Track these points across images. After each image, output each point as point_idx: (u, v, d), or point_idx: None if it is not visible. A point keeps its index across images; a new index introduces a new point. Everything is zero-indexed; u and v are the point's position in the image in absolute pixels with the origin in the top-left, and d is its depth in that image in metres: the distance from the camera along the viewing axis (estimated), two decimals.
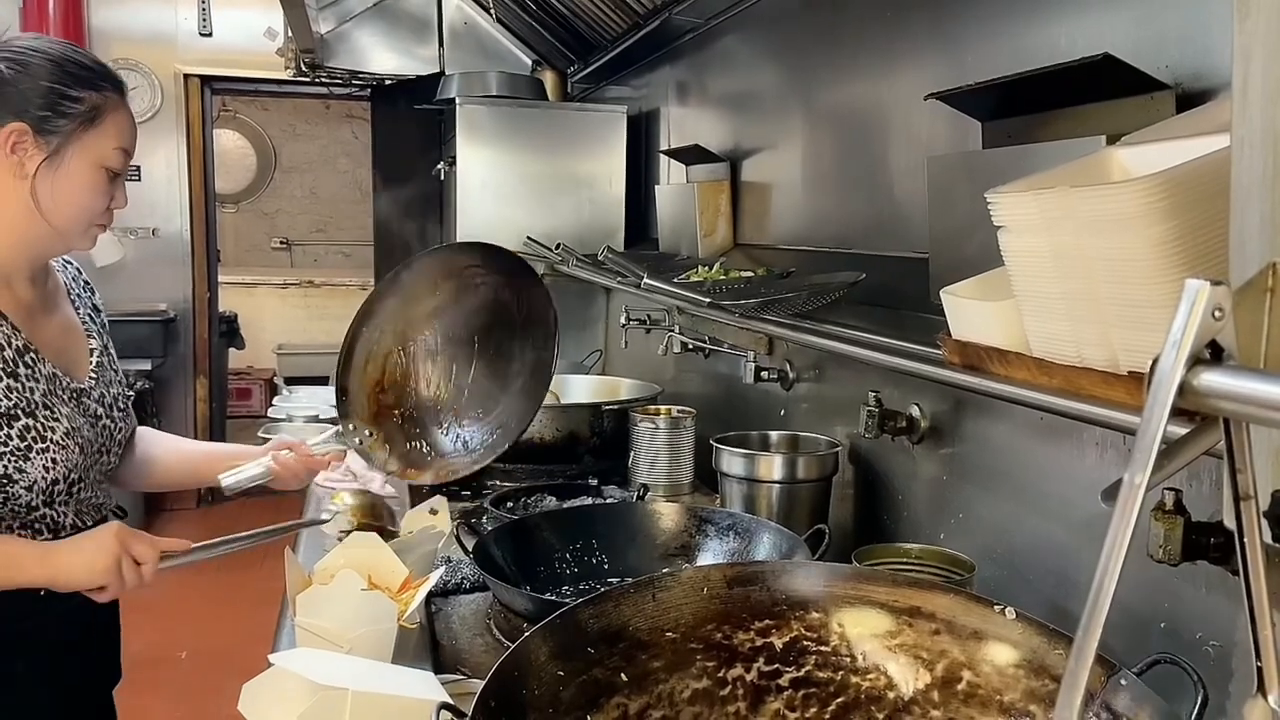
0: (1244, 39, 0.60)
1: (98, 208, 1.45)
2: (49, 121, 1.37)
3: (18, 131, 1.35)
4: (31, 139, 1.36)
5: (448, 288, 1.85)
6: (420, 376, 1.88)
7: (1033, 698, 1.02)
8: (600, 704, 1.01)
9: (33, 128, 1.36)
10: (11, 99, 1.35)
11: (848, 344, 1.66)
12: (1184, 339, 0.49)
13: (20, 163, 1.37)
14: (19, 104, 1.35)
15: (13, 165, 1.36)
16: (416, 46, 4.95)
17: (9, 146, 1.35)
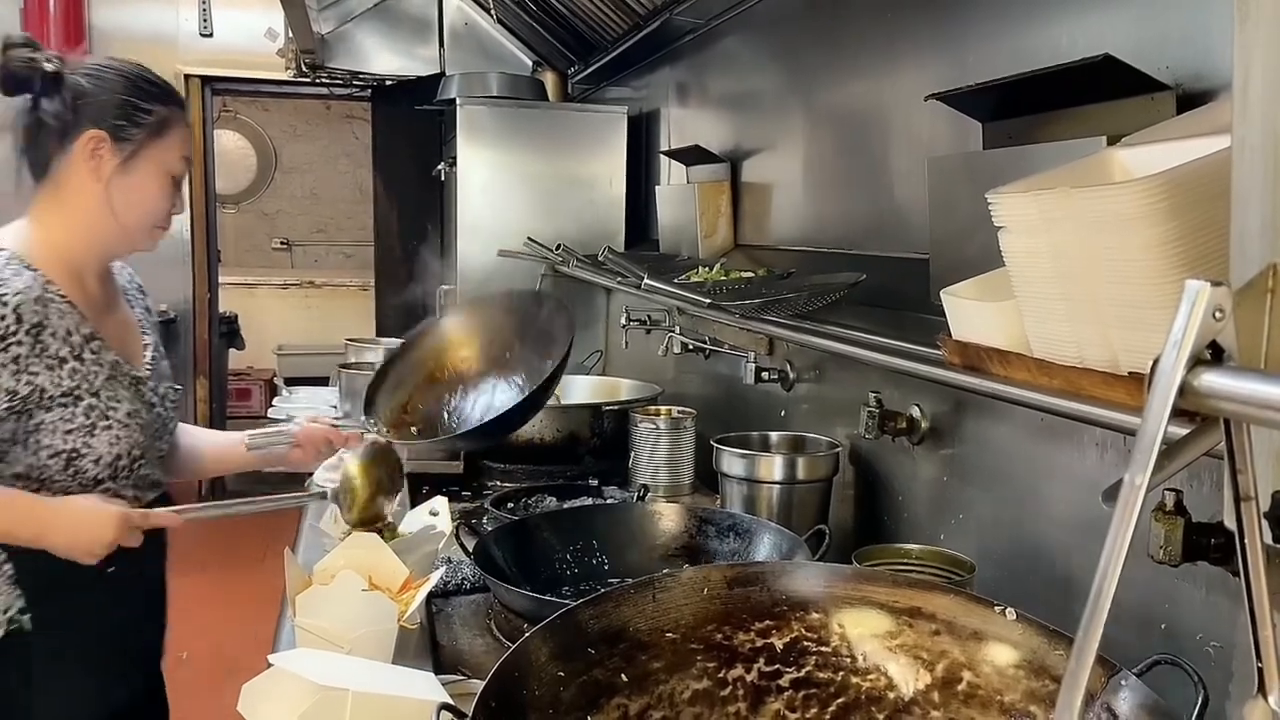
0: (1245, 40, 0.60)
1: (162, 210, 1.59)
2: (123, 130, 1.51)
3: (96, 139, 1.49)
4: (109, 146, 1.50)
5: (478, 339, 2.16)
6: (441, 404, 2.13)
7: (1033, 698, 1.02)
8: (600, 704, 1.01)
9: (110, 136, 1.50)
10: (91, 109, 1.49)
11: (848, 344, 1.66)
12: (1184, 340, 0.50)
13: (98, 167, 1.50)
14: (97, 114, 1.49)
15: (91, 169, 1.50)
16: (417, 47, 4.95)
17: (89, 152, 1.49)
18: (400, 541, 1.67)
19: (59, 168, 1.52)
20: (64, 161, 1.51)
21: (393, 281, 5.68)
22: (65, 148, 1.50)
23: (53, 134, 1.50)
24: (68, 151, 1.51)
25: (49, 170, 1.52)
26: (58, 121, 1.49)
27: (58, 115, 1.49)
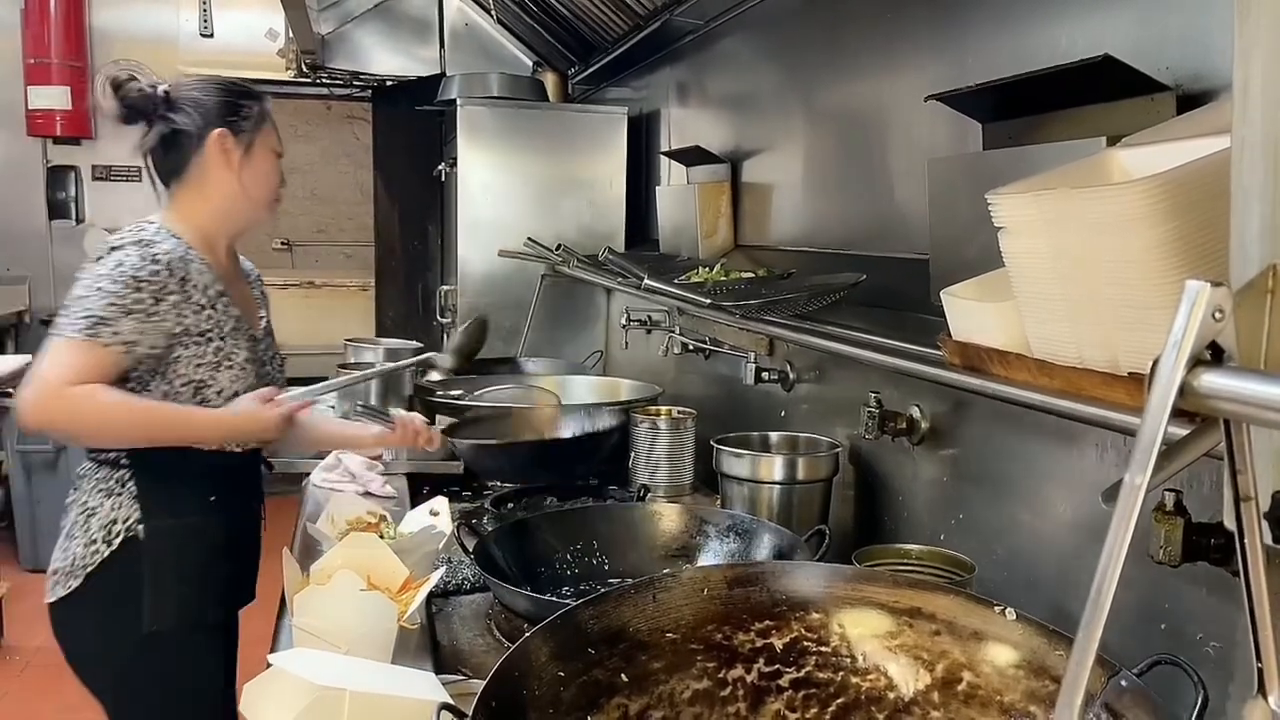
0: (1245, 40, 0.60)
1: (276, 184, 1.92)
2: (238, 125, 1.83)
3: (223, 135, 1.81)
4: (232, 140, 1.82)
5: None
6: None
7: (1033, 698, 1.02)
8: (601, 704, 1.01)
9: (231, 131, 1.81)
10: (212, 114, 1.81)
11: (848, 345, 1.66)
12: (1184, 340, 0.50)
13: (228, 158, 1.82)
14: (217, 117, 1.81)
15: (224, 161, 1.82)
16: (417, 48, 4.95)
17: (219, 148, 1.81)
18: (400, 542, 1.67)
19: (195, 166, 1.82)
20: (199, 160, 1.81)
21: (393, 282, 5.69)
22: (200, 149, 1.81)
23: (187, 141, 1.80)
24: (202, 152, 1.81)
25: (186, 170, 1.82)
26: (191, 129, 1.79)
27: (189, 125, 1.79)
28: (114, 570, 1.72)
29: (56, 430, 1.79)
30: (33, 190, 5.56)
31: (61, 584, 1.74)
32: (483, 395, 2.67)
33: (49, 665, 3.91)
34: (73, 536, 1.75)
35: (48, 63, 5.34)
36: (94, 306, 1.65)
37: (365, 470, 2.41)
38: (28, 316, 5.60)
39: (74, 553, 1.73)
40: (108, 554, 1.72)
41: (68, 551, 1.74)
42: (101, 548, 1.72)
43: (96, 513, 1.74)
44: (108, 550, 1.72)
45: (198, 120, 1.80)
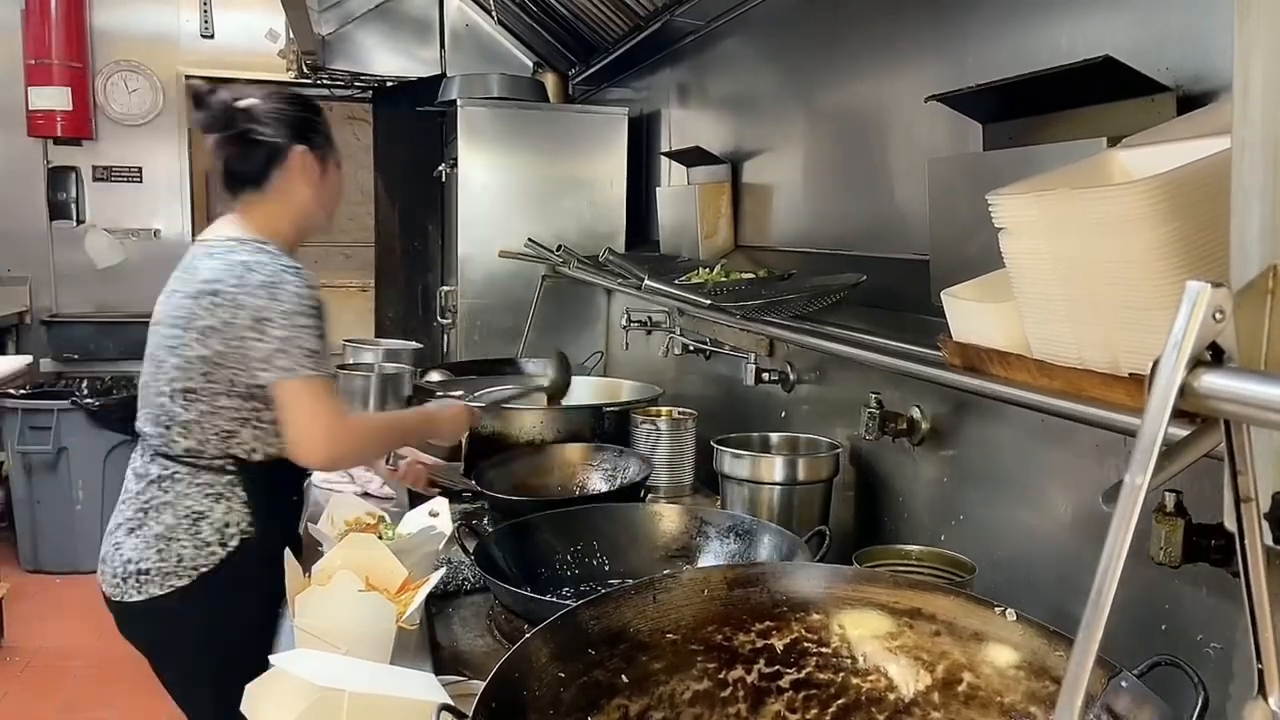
0: (1245, 41, 0.60)
1: (340, 194, 2.09)
2: (315, 142, 1.96)
3: (304, 153, 1.93)
4: (310, 157, 1.94)
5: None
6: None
7: (1033, 699, 1.02)
8: (601, 705, 1.01)
9: (309, 148, 1.94)
10: (293, 131, 1.93)
11: (848, 346, 1.66)
12: (1185, 341, 0.49)
13: (308, 174, 1.95)
14: (297, 134, 1.93)
15: (305, 177, 1.94)
16: (418, 48, 4.95)
17: (300, 164, 1.93)
18: (400, 542, 1.67)
19: (279, 177, 1.92)
20: (283, 172, 1.92)
21: (393, 282, 5.68)
22: (282, 161, 1.91)
23: (268, 153, 1.90)
24: (285, 166, 1.91)
25: (267, 181, 1.91)
26: (274, 143, 1.90)
27: (275, 138, 1.90)
28: (225, 571, 1.82)
29: (347, 462, 2.04)
30: (33, 191, 5.57)
31: (156, 583, 1.81)
32: (482, 396, 2.67)
33: (49, 665, 3.92)
34: (174, 538, 1.81)
35: (48, 63, 5.34)
36: (309, 343, 1.78)
37: (364, 471, 2.41)
38: (29, 317, 5.60)
39: (180, 554, 1.81)
40: (223, 555, 1.82)
41: (167, 553, 1.81)
42: (217, 549, 1.82)
43: (207, 516, 1.82)
44: (224, 552, 1.82)
45: (283, 135, 1.91)
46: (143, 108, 5.69)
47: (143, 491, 1.86)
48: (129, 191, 5.72)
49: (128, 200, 5.72)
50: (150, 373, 1.88)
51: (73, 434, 4.76)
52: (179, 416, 1.83)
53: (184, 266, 1.91)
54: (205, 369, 1.79)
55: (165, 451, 1.85)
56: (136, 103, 5.68)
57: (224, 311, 1.76)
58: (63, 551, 4.84)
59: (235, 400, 1.80)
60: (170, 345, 1.83)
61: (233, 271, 1.79)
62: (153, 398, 1.87)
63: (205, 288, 1.79)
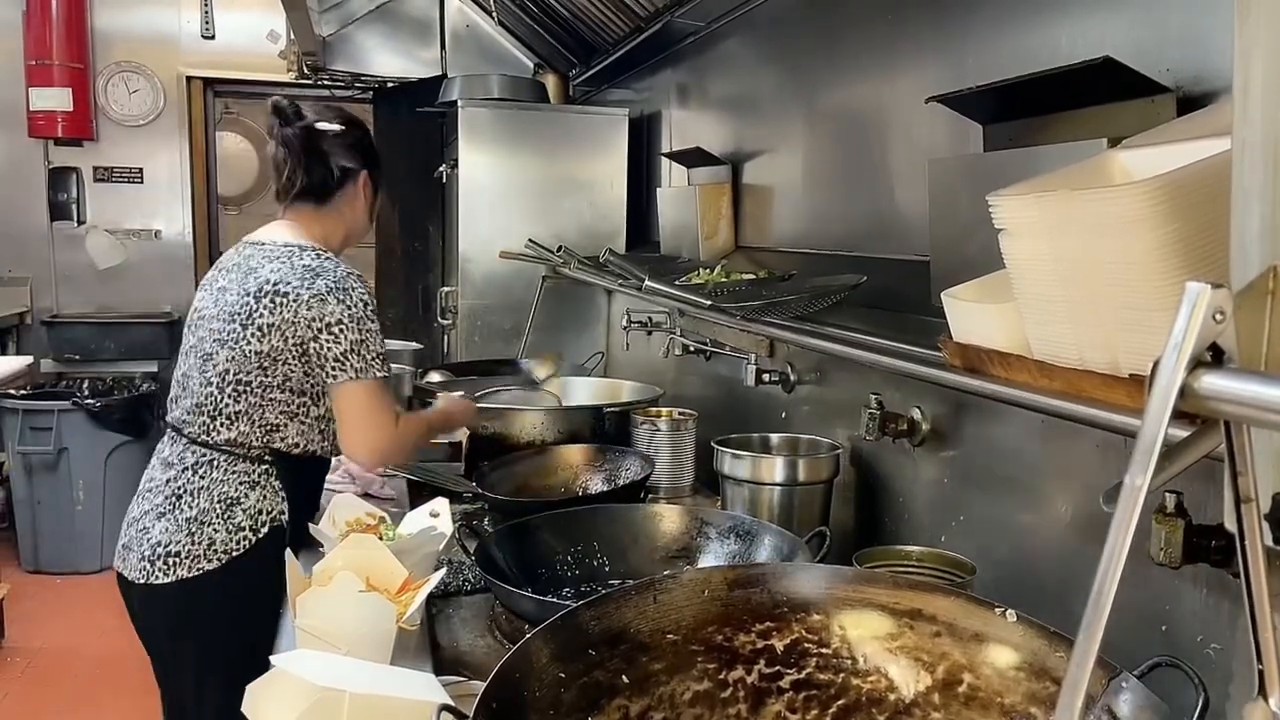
0: (1245, 42, 0.60)
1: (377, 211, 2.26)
2: (374, 169, 2.15)
3: (367, 178, 2.13)
4: (369, 180, 2.14)
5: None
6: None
7: (1034, 700, 1.02)
8: (601, 706, 1.01)
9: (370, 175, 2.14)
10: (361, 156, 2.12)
11: (849, 346, 1.66)
12: (1185, 342, 0.49)
13: (368, 197, 2.15)
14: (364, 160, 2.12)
15: (365, 198, 2.14)
16: (418, 49, 4.95)
17: (362, 187, 2.13)
18: (401, 543, 1.67)
19: (342, 197, 2.09)
20: (347, 193, 2.10)
21: (393, 283, 5.68)
22: (352, 182, 2.10)
23: (342, 175, 2.08)
24: (353, 185, 2.10)
25: (331, 198, 2.08)
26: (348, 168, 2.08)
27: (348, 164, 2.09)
28: (255, 556, 1.90)
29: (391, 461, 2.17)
30: (34, 192, 5.57)
31: (184, 565, 1.88)
32: (483, 397, 2.67)
33: (50, 666, 3.92)
34: (206, 522, 1.90)
35: (49, 64, 5.34)
36: (374, 345, 1.92)
37: (365, 471, 2.41)
38: (29, 318, 5.60)
39: (211, 537, 1.89)
40: (255, 541, 1.91)
41: (198, 536, 1.89)
42: (249, 535, 1.91)
43: (241, 503, 1.91)
44: (255, 538, 1.91)
45: (356, 162, 2.11)
46: (143, 108, 5.70)
47: (175, 479, 1.94)
48: (130, 192, 5.72)
49: (128, 201, 5.72)
50: (194, 365, 1.96)
51: (73, 435, 4.77)
52: (227, 408, 1.92)
53: (236, 266, 2.00)
54: (262, 363, 1.90)
55: (204, 440, 1.94)
56: (137, 103, 5.68)
57: (287, 310, 1.88)
58: (63, 552, 4.84)
59: (286, 394, 1.92)
60: (223, 339, 1.92)
61: (298, 274, 1.91)
62: (197, 388, 1.94)
63: (269, 287, 1.90)
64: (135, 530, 1.95)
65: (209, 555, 1.88)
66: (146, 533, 1.92)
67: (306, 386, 1.93)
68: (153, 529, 1.91)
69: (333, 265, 1.95)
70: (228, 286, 1.96)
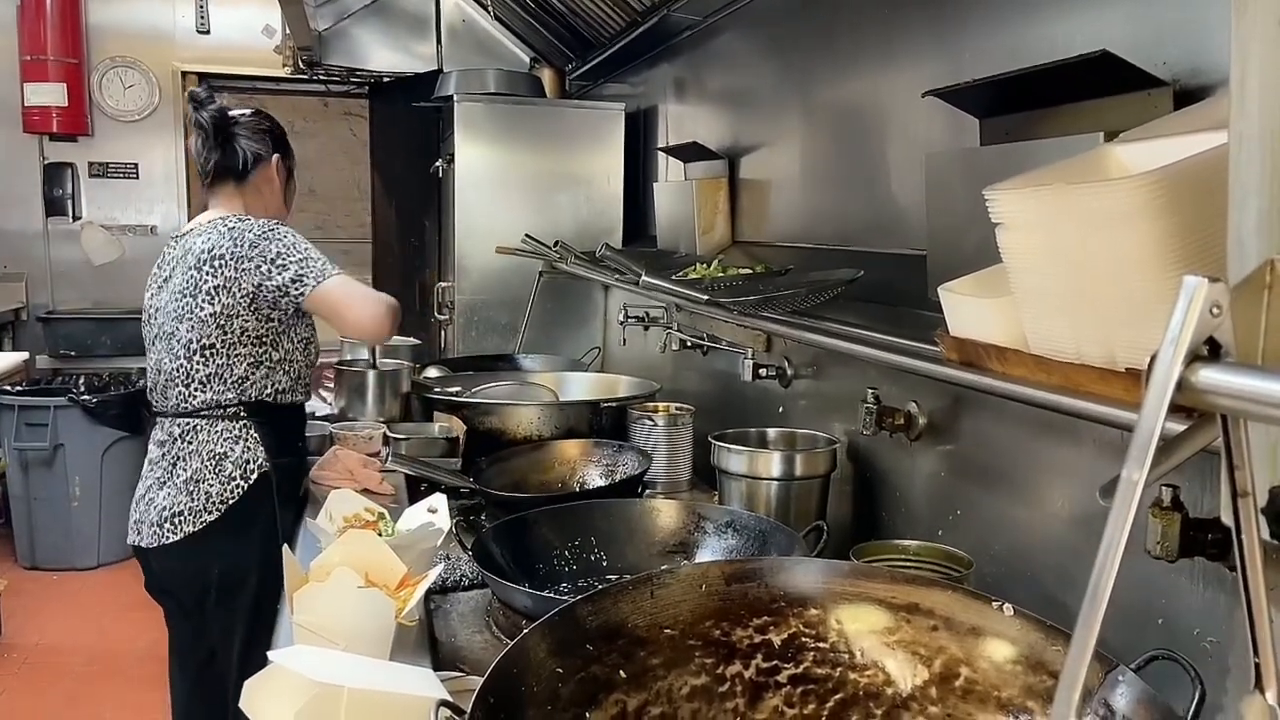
0: (1242, 36, 0.60)
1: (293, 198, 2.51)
2: (285, 154, 2.41)
3: (279, 163, 2.37)
4: (282, 166, 2.39)
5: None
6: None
7: (1030, 694, 1.02)
8: (599, 700, 1.01)
9: (281, 158, 2.39)
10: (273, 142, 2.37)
11: (846, 341, 1.66)
12: (1182, 335, 0.49)
13: (278, 180, 2.38)
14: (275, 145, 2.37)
15: (277, 181, 2.38)
16: (414, 44, 4.94)
17: (273, 171, 2.36)
18: (399, 539, 1.67)
19: (257, 176, 2.33)
20: (260, 174, 2.34)
21: (390, 278, 5.67)
22: (261, 165, 2.34)
23: (254, 157, 2.32)
24: (263, 168, 2.34)
25: (247, 177, 2.32)
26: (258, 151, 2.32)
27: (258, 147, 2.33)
28: (247, 501, 2.15)
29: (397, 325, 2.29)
30: (29, 187, 5.56)
31: (190, 521, 2.12)
32: (480, 391, 2.67)
33: (47, 662, 3.92)
34: (201, 480, 2.14)
35: (44, 59, 5.33)
36: (319, 257, 2.15)
37: (364, 469, 2.41)
38: (25, 313, 5.59)
39: (208, 491, 2.13)
40: (246, 488, 2.15)
41: (196, 493, 2.13)
42: (240, 483, 2.15)
43: (229, 455, 2.15)
44: (245, 485, 2.15)
45: (266, 146, 2.35)
46: (139, 104, 5.68)
47: (168, 451, 2.18)
48: (125, 187, 5.71)
49: (124, 196, 5.71)
50: (162, 349, 2.19)
51: (69, 431, 4.76)
52: (198, 373, 2.14)
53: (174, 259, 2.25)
54: (220, 323, 2.11)
55: (183, 410, 2.16)
56: (132, 99, 5.67)
57: (228, 270, 2.09)
58: (60, 548, 4.84)
59: (248, 347, 2.15)
60: (180, 315, 2.14)
61: (226, 237, 2.13)
62: (169, 365, 2.17)
63: (205, 256, 2.12)
64: (143, 505, 2.18)
65: (209, 507, 2.12)
66: (152, 503, 2.15)
67: (264, 333, 2.16)
68: (157, 498, 2.15)
69: (254, 221, 2.18)
70: (171, 275, 2.22)
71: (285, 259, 2.11)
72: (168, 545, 2.13)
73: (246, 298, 2.11)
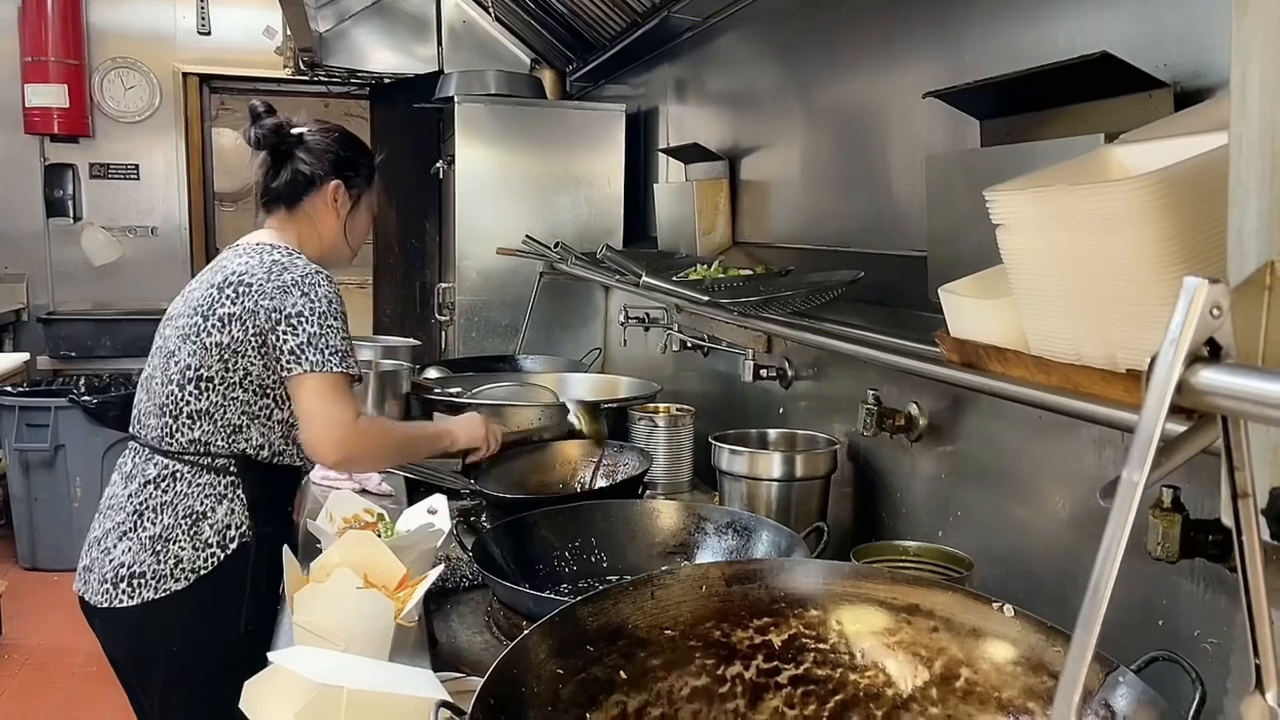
0: (1242, 37, 0.60)
1: (366, 237, 2.19)
2: (352, 181, 2.05)
3: (337, 188, 2.02)
4: (344, 193, 2.03)
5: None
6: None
7: (1031, 695, 1.02)
8: (599, 701, 1.01)
9: (344, 185, 2.03)
10: (333, 164, 2.02)
11: (846, 342, 1.66)
12: (1182, 337, 0.49)
13: (338, 208, 2.04)
14: (336, 168, 2.02)
15: (334, 209, 2.04)
16: (415, 45, 4.95)
17: (331, 197, 2.02)
18: (399, 540, 1.67)
19: (309, 203, 2.01)
20: (314, 199, 2.01)
21: (390, 279, 5.68)
22: (316, 190, 2.01)
23: (306, 180, 1.99)
24: (319, 193, 2.01)
25: (299, 203, 2.01)
26: (312, 172, 1.99)
27: (312, 168, 1.99)
28: (221, 574, 1.81)
29: (355, 465, 2.06)
30: (30, 188, 5.56)
31: (150, 587, 1.79)
32: (481, 393, 2.67)
33: (47, 663, 3.92)
34: (171, 540, 1.80)
35: (45, 61, 5.34)
36: (335, 340, 1.81)
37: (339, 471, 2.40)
38: (26, 314, 5.59)
39: (178, 555, 1.79)
40: (222, 559, 1.81)
41: (164, 555, 1.79)
42: (217, 552, 1.81)
43: (208, 517, 1.81)
44: (223, 555, 1.81)
45: (323, 168, 2.01)
46: (139, 105, 5.69)
47: (136, 494, 1.83)
48: (126, 188, 5.71)
49: (125, 197, 5.71)
50: (158, 364, 1.90)
51: (70, 431, 4.76)
52: (188, 405, 1.83)
53: (210, 268, 1.96)
54: (223, 355, 1.81)
55: (165, 447, 1.84)
56: (133, 100, 5.67)
57: (249, 300, 1.81)
58: (60, 549, 4.83)
59: (249, 394, 1.83)
60: (186, 333, 1.85)
61: (264, 266, 1.85)
62: (159, 388, 1.87)
63: (233, 278, 1.84)
64: (97, 552, 1.86)
65: (175, 574, 1.78)
66: (108, 554, 1.82)
67: (269, 385, 1.84)
68: (115, 549, 1.82)
69: (302, 263, 1.89)
70: (196, 287, 1.91)
71: (301, 325, 1.80)
72: (118, 610, 1.80)
73: (257, 338, 1.81)
